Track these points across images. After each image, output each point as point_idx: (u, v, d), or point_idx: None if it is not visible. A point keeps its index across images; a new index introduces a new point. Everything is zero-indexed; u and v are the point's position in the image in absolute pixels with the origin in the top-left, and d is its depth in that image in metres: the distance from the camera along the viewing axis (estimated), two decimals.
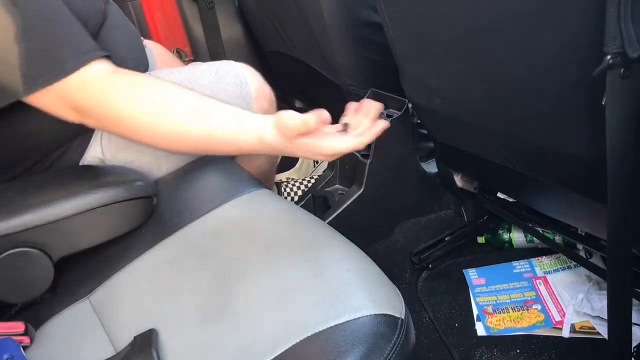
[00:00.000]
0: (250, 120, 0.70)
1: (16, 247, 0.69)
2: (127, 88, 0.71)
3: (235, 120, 0.70)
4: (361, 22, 1.14)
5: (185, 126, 0.70)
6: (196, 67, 0.99)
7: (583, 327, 0.99)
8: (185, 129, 0.71)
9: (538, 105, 0.71)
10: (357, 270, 0.65)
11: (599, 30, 0.51)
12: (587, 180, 0.75)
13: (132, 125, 0.72)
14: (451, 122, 0.94)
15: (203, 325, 0.62)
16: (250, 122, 0.70)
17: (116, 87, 0.71)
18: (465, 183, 1.18)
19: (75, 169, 0.86)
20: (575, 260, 1.07)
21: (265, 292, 0.64)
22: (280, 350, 0.56)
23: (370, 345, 0.55)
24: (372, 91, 1.19)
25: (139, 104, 0.71)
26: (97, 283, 0.73)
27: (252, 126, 0.69)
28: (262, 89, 1.01)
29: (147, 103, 0.71)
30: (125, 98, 0.71)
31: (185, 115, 0.70)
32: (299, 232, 0.73)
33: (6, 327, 0.65)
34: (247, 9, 1.47)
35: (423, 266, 1.18)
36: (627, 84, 0.52)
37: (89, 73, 0.71)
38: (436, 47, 0.81)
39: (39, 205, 0.71)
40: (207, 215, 0.79)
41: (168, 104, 0.71)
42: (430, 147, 1.20)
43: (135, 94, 0.71)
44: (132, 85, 0.72)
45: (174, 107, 0.71)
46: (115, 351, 0.63)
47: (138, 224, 0.80)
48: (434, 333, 1.05)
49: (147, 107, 0.71)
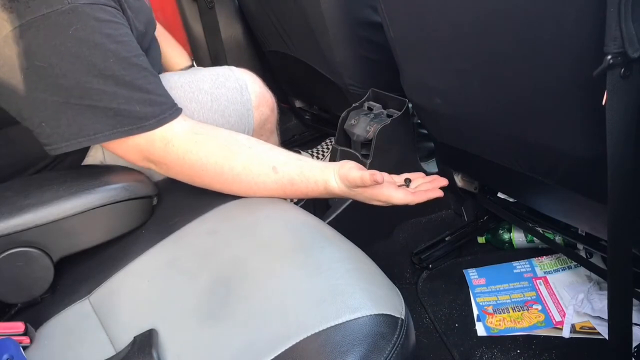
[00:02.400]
0: (317, 172, 0.77)
1: (16, 247, 0.69)
2: (210, 149, 0.76)
3: (306, 173, 0.77)
4: (361, 22, 1.14)
5: (262, 184, 0.77)
6: (197, 72, 0.99)
7: (583, 327, 0.99)
8: (261, 186, 0.77)
9: (538, 105, 0.71)
10: (357, 270, 0.65)
11: (599, 30, 0.51)
12: (587, 180, 0.75)
13: (211, 182, 0.78)
14: (451, 122, 0.94)
15: (203, 325, 0.62)
16: (318, 174, 0.77)
17: (199, 149, 0.75)
18: (465, 183, 1.18)
19: (75, 169, 0.86)
20: (576, 260, 1.07)
21: (265, 292, 0.64)
22: (280, 350, 0.56)
23: (370, 345, 0.55)
24: (372, 91, 1.19)
25: (222, 166, 0.76)
26: (97, 283, 0.73)
27: (320, 178, 0.77)
28: (263, 96, 1.01)
29: (230, 166, 0.76)
30: (209, 160, 0.75)
31: (263, 175, 0.76)
32: (299, 232, 0.73)
33: (6, 327, 0.65)
34: (247, 9, 1.47)
35: (423, 266, 1.18)
36: (628, 84, 0.52)
37: (173, 132, 0.75)
38: (436, 47, 0.81)
39: (39, 205, 0.71)
40: (207, 215, 0.79)
41: (249, 165, 0.76)
42: (430, 147, 1.20)
43: (217, 155, 0.76)
44: (214, 147, 0.76)
45: (253, 167, 0.76)
46: (115, 351, 0.63)
47: (138, 224, 0.80)
48: (434, 333, 1.05)
49: (230, 170, 0.76)
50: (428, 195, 0.76)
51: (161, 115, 0.74)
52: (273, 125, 1.08)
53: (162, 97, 0.76)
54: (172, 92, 0.92)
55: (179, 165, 0.76)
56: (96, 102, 0.70)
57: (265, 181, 0.76)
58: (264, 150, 0.78)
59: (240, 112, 0.98)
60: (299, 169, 0.77)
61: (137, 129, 0.73)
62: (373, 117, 1.12)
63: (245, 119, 0.99)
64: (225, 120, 0.96)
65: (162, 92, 0.77)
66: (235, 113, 0.97)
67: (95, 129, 0.71)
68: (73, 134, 0.71)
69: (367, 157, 1.10)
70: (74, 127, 0.71)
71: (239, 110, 0.98)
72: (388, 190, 0.75)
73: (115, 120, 0.71)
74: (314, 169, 0.77)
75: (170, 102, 0.77)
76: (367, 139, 1.11)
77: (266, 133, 1.07)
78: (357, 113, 1.15)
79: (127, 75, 0.71)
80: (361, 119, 1.13)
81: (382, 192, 0.75)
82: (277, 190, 0.78)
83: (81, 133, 0.71)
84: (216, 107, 0.95)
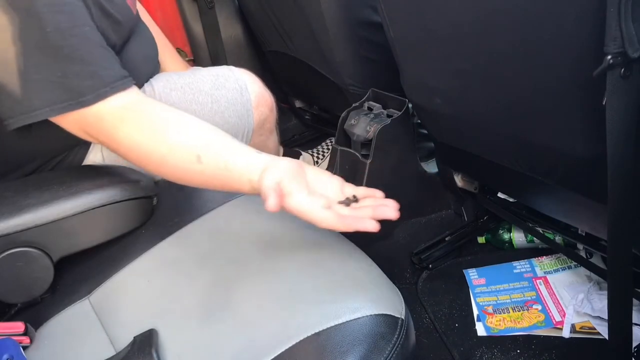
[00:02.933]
0: (242, 167, 0.67)
1: (16, 247, 0.69)
2: (137, 129, 0.70)
3: (230, 167, 0.68)
4: (361, 22, 1.14)
5: (187, 172, 0.70)
6: (196, 72, 0.99)
7: (583, 327, 0.99)
8: (187, 174, 0.70)
9: (538, 105, 0.71)
10: (357, 270, 0.65)
11: (599, 30, 0.51)
12: (587, 180, 0.75)
13: (141, 162, 0.72)
14: (451, 122, 0.94)
15: (203, 325, 0.62)
16: (243, 170, 0.67)
17: (125, 127, 0.70)
18: (465, 183, 1.18)
19: (75, 169, 0.86)
20: (576, 260, 1.07)
21: (265, 292, 0.64)
22: (280, 350, 0.56)
23: (370, 345, 0.55)
24: (372, 91, 1.19)
25: (148, 147, 0.70)
26: (97, 283, 0.73)
27: (245, 175, 0.67)
28: (262, 96, 1.01)
29: (156, 147, 0.69)
30: (133, 140, 0.70)
31: (188, 163, 0.69)
32: (299, 232, 0.73)
33: (6, 327, 0.65)
34: (247, 9, 1.47)
35: (423, 266, 1.18)
36: (628, 84, 0.52)
37: (105, 108, 0.69)
38: (436, 47, 0.81)
39: (39, 205, 0.71)
40: (207, 215, 0.79)
41: (174, 149, 0.69)
42: (430, 147, 1.20)
43: (144, 135, 0.70)
44: (142, 126, 0.70)
45: (177, 153, 0.69)
46: (115, 351, 0.63)
47: (138, 224, 0.80)
48: (434, 333, 1.05)
49: (157, 151, 0.69)
50: (359, 226, 0.63)
51: (101, 89, 0.69)
52: (272, 124, 1.09)
53: (106, 70, 0.70)
54: (172, 94, 0.92)
55: (111, 141, 0.71)
56: (34, 76, 0.67)
57: (189, 169, 0.69)
58: (194, 137, 0.70)
59: (240, 112, 0.98)
60: (223, 162, 0.68)
61: (76, 104, 0.68)
62: (373, 117, 1.12)
63: (245, 119, 0.99)
64: (225, 121, 0.96)
65: (107, 65, 0.71)
66: (235, 114, 0.97)
67: (33, 105, 0.68)
68: (16, 111, 0.68)
69: (367, 157, 1.10)
70: (14, 102, 0.68)
71: (238, 110, 0.98)
72: (307, 207, 0.62)
73: (53, 94, 0.68)
74: (238, 163, 0.67)
75: (115, 75, 0.71)
76: (367, 139, 1.11)
77: (265, 133, 1.07)
78: (357, 113, 1.15)
79: (67, 46, 0.67)
80: (361, 119, 1.13)
81: (297, 208, 0.62)
82: (203, 182, 0.70)
83: (21, 109, 0.68)
84: (216, 109, 0.95)
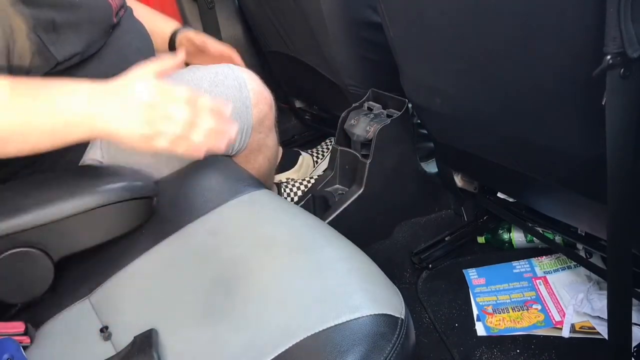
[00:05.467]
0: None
1: (16, 247, 0.69)
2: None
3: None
4: (361, 22, 1.14)
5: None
6: (195, 70, 0.99)
7: (583, 327, 0.99)
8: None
9: (538, 105, 0.71)
10: (357, 270, 0.65)
11: (598, 30, 0.51)
12: (587, 180, 0.75)
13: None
14: (451, 122, 0.94)
15: (203, 325, 0.62)
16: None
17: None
18: (465, 183, 1.18)
19: (75, 170, 0.86)
20: (575, 260, 1.07)
21: (265, 292, 0.64)
22: (280, 350, 0.56)
23: (370, 345, 0.55)
24: (372, 91, 1.19)
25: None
26: (97, 283, 0.73)
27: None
28: (262, 93, 1.02)
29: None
30: None
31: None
32: (299, 232, 0.73)
33: (6, 327, 0.65)
34: (247, 9, 1.47)
35: (423, 266, 1.18)
36: (627, 84, 0.52)
37: None
38: (436, 47, 0.81)
39: (39, 205, 0.71)
40: (207, 215, 0.79)
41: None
42: (430, 147, 1.20)
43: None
44: None
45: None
46: (115, 351, 0.63)
47: (138, 224, 0.80)
48: (434, 333, 1.05)
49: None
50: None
51: None
52: (271, 122, 1.09)
53: None
54: None
55: None
56: None
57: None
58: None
59: (240, 110, 0.98)
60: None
61: None
62: (373, 117, 1.12)
63: (244, 116, 0.99)
64: None
65: None
66: (234, 111, 0.97)
67: None
68: None
69: (367, 157, 1.11)
70: None
71: (238, 108, 0.98)
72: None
73: None
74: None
75: None
76: (367, 139, 1.11)
77: (265, 130, 1.07)
78: (357, 113, 1.16)
79: None
80: (361, 119, 1.13)
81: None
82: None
83: None
84: None
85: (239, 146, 1.02)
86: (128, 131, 0.67)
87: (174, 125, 0.67)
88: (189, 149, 0.69)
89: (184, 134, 0.67)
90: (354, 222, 1.12)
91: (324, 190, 1.20)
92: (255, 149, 1.07)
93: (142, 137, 0.67)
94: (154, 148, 0.68)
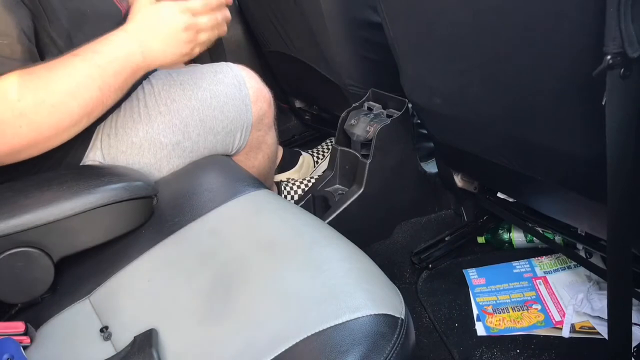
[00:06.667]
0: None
1: (16, 247, 0.69)
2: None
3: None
4: (361, 22, 1.14)
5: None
6: (195, 69, 0.99)
7: (583, 327, 0.99)
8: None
9: (538, 105, 0.71)
10: (357, 270, 0.65)
11: (598, 30, 0.51)
12: (587, 180, 0.75)
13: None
14: (451, 122, 0.94)
15: (203, 325, 0.62)
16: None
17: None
18: (465, 183, 1.18)
19: (75, 169, 0.86)
20: (575, 260, 1.07)
21: (265, 292, 0.64)
22: (280, 350, 0.56)
23: (370, 345, 0.55)
24: (372, 91, 1.19)
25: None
26: (97, 283, 0.73)
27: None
28: (260, 91, 1.02)
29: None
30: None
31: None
32: (299, 232, 0.73)
33: (6, 327, 0.65)
34: (247, 8, 1.47)
35: (423, 266, 1.18)
36: (627, 84, 0.52)
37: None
38: (436, 47, 0.81)
39: (39, 205, 0.71)
40: (207, 215, 0.79)
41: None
42: (430, 147, 1.20)
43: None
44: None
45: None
46: (115, 351, 0.63)
47: (138, 224, 0.80)
48: (434, 333, 1.05)
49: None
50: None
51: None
52: (271, 120, 1.09)
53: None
54: (171, 91, 0.93)
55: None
56: None
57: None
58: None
59: (239, 107, 0.99)
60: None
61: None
62: (373, 117, 1.12)
63: (243, 114, 0.99)
64: (225, 116, 0.97)
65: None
66: (234, 109, 0.98)
67: None
68: None
69: (367, 157, 1.11)
70: None
71: (237, 105, 0.98)
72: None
73: None
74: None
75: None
76: (367, 139, 1.11)
77: (264, 128, 1.07)
78: (357, 113, 1.16)
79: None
80: (361, 119, 1.13)
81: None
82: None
83: None
84: (215, 104, 0.96)
85: (239, 144, 1.02)
86: (173, 57, 0.79)
87: (206, 33, 0.80)
88: (211, 41, 0.82)
89: (212, 33, 0.81)
90: (354, 222, 1.12)
91: (324, 190, 1.20)
92: (255, 147, 1.07)
93: (184, 56, 0.80)
94: (191, 57, 0.81)
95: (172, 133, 0.92)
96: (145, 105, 0.91)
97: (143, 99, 0.91)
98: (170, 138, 0.91)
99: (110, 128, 0.88)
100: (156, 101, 0.92)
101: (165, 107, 0.92)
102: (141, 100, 0.91)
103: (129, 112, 0.90)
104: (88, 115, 0.73)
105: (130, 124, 0.89)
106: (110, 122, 0.89)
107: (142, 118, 0.90)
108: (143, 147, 0.89)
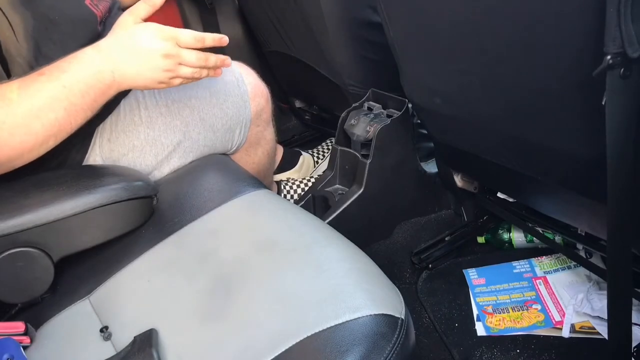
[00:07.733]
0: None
1: (16, 247, 0.69)
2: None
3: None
4: (361, 22, 1.14)
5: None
6: None
7: (583, 327, 0.99)
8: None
9: (538, 105, 0.71)
10: (357, 270, 0.66)
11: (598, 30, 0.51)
12: (587, 180, 0.75)
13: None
14: (451, 122, 0.94)
15: (203, 325, 0.62)
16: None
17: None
18: (465, 183, 1.18)
19: (75, 169, 0.86)
20: (575, 260, 1.07)
21: (265, 292, 0.64)
22: (280, 350, 0.56)
23: (370, 345, 0.55)
24: (372, 91, 1.19)
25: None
26: (97, 283, 0.73)
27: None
28: (258, 87, 1.03)
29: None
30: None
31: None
32: (299, 232, 0.73)
33: (6, 327, 0.65)
34: (247, 8, 1.47)
35: (423, 266, 1.18)
36: (627, 84, 0.52)
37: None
38: (436, 47, 0.81)
39: (39, 205, 0.71)
40: (207, 215, 0.79)
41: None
42: (430, 147, 1.20)
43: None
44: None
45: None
46: (115, 351, 0.63)
47: (138, 224, 0.80)
48: (434, 333, 1.05)
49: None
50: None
51: None
52: (269, 115, 1.10)
53: None
54: (171, 90, 0.93)
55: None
56: None
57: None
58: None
59: (238, 104, 0.99)
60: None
61: None
62: (373, 117, 1.12)
63: (242, 110, 1.00)
64: (224, 113, 0.97)
65: None
66: (233, 105, 0.98)
67: None
68: None
69: (367, 157, 1.10)
70: None
71: (236, 102, 0.99)
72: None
73: None
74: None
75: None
76: (367, 139, 1.11)
77: (262, 123, 1.08)
78: (357, 113, 1.15)
79: None
80: (361, 119, 1.13)
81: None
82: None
83: None
84: (215, 101, 0.96)
85: (238, 140, 1.02)
86: (146, 82, 0.75)
87: (188, 68, 0.76)
88: (195, 79, 0.79)
89: (196, 72, 0.77)
90: (354, 222, 1.12)
91: (324, 190, 1.20)
92: (254, 143, 1.08)
93: (159, 83, 0.76)
94: (169, 86, 0.78)
95: (173, 134, 0.92)
96: (145, 107, 0.91)
97: (143, 100, 0.91)
98: (172, 139, 0.92)
99: (110, 132, 0.88)
100: (156, 102, 0.92)
101: (165, 108, 0.92)
102: (141, 102, 0.91)
103: (129, 115, 0.90)
104: (55, 136, 0.71)
105: (131, 127, 0.89)
106: (109, 126, 0.89)
107: (143, 120, 0.90)
108: (145, 149, 0.90)
